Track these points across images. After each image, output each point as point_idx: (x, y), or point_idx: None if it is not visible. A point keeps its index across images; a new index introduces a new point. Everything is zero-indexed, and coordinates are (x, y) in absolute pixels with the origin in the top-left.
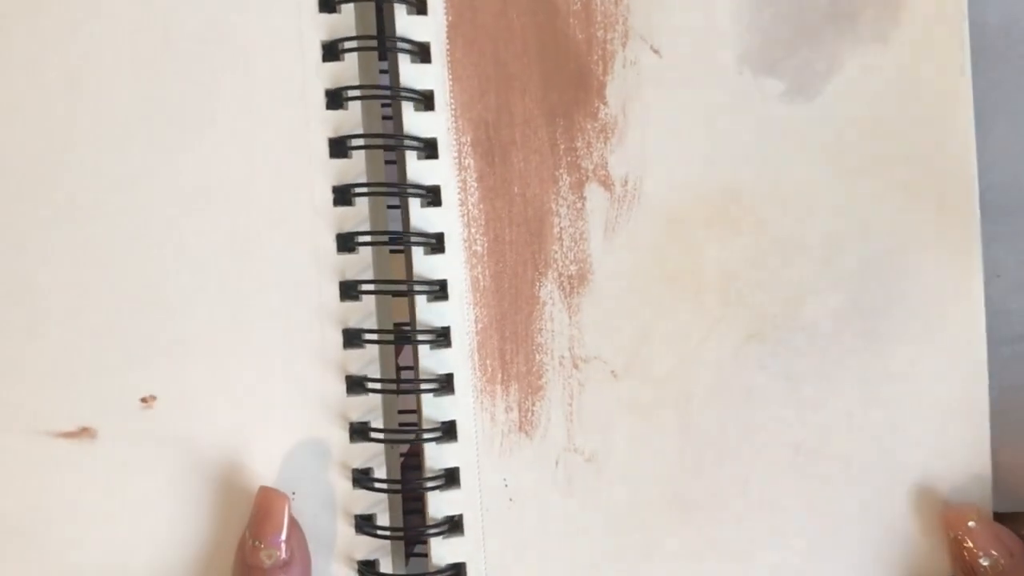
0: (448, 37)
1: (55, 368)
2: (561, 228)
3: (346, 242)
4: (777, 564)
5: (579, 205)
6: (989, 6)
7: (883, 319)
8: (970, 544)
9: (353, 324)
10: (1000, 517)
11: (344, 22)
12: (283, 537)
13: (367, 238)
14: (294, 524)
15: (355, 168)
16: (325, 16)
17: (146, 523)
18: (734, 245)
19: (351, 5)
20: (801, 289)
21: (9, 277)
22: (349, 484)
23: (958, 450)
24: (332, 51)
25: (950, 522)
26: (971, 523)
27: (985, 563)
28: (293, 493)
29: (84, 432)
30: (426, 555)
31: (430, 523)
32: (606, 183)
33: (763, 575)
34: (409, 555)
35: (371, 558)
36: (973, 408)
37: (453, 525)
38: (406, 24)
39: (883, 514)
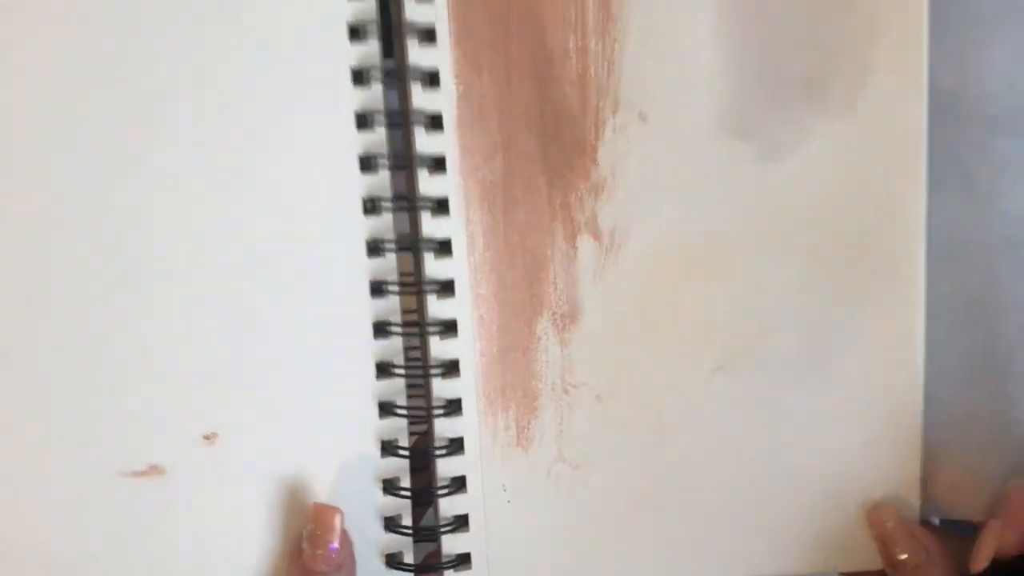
0: (458, 107)
1: (121, 414)
2: (555, 274)
3: (377, 289)
4: (737, 555)
5: (572, 254)
6: (941, 70)
7: (833, 354)
8: (889, 541)
9: (384, 359)
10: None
11: (374, 96)
12: (336, 545)
13: (395, 287)
14: (344, 532)
15: (384, 225)
16: (358, 90)
17: (218, 546)
18: (707, 290)
19: (379, 84)
20: (764, 327)
21: (70, 330)
22: (380, 492)
23: (893, 465)
24: (364, 122)
25: (872, 521)
26: (889, 523)
27: (902, 557)
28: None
29: (154, 470)
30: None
31: (442, 522)
32: (596, 235)
33: (723, 563)
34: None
35: (398, 551)
36: (908, 431)
37: (461, 522)
38: (420, 97)
39: (828, 515)
